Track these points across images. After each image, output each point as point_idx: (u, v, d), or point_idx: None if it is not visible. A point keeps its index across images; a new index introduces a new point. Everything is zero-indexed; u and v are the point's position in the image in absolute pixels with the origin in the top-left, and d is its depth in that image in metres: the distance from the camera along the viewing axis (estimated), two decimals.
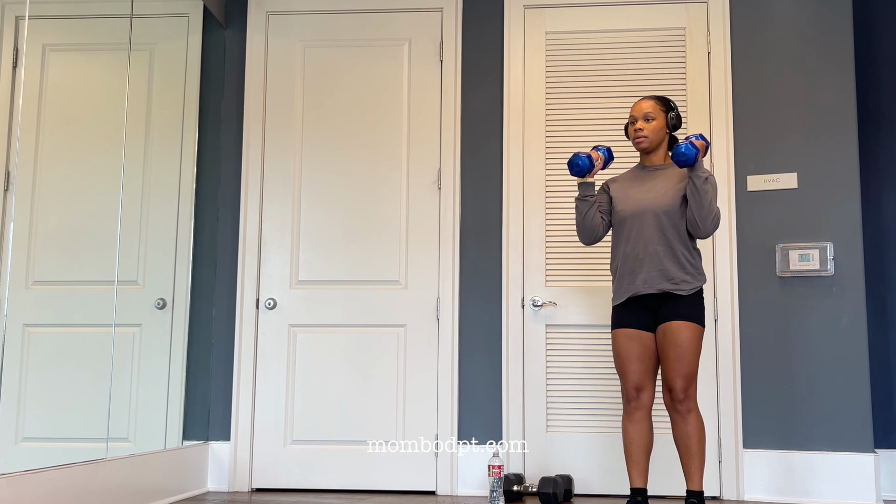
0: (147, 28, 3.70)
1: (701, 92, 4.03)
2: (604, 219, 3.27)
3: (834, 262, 3.82)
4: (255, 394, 4.09)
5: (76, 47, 3.24)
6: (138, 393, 3.58)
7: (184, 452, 3.82)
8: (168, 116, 3.88)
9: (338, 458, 4.03)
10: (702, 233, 3.09)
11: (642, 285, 3.12)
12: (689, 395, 3.05)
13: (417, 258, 4.12)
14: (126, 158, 3.51)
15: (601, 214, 3.26)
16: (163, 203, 3.81)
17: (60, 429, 3.09)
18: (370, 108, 4.23)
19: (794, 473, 3.75)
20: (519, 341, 4.00)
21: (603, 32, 4.14)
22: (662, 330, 3.09)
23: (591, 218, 3.22)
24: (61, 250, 3.10)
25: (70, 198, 3.15)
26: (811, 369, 3.80)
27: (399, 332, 4.09)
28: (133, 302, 3.57)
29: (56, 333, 3.10)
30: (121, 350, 3.45)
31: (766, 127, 3.97)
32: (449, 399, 4.01)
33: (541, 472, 3.93)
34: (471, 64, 4.21)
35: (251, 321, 4.13)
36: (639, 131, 3.19)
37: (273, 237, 4.18)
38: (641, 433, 3.10)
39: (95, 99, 3.33)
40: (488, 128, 4.16)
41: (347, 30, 4.29)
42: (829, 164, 3.89)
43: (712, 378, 3.88)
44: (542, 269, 4.03)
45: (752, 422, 3.83)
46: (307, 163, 4.22)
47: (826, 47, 3.95)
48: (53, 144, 3.05)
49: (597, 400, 3.94)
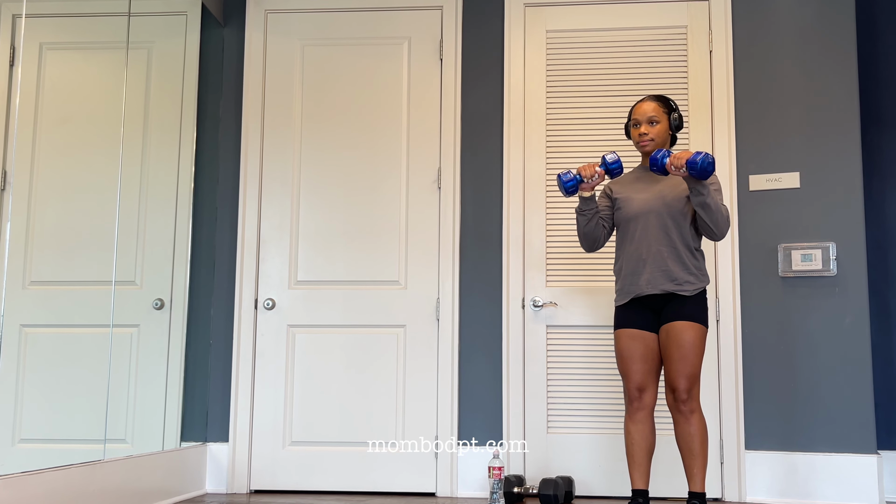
0: (145, 26, 3.70)
1: (703, 91, 4.03)
2: (605, 226, 3.27)
3: (837, 262, 3.82)
4: (254, 395, 4.09)
5: (73, 46, 3.24)
6: (136, 394, 3.58)
7: (182, 454, 3.82)
8: (166, 115, 3.88)
9: (337, 459, 4.03)
10: (718, 236, 3.08)
11: (646, 286, 3.12)
12: (692, 396, 3.05)
13: (417, 258, 4.12)
14: (124, 158, 3.51)
15: (603, 221, 3.26)
16: (161, 203, 3.81)
17: (57, 430, 3.09)
18: (369, 107, 4.23)
19: (796, 475, 3.75)
20: (519, 342, 4.00)
21: (604, 31, 4.14)
22: (666, 330, 3.09)
23: (591, 229, 3.22)
24: (58, 250, 3.10)
25: (67, 197, 3.15)
26: (814, 370, 3.80)
27: (399, 333, 4.09)
28: (131, 302, 3.56)
29: (53, 334, 3.10)
30: (118, 351, 3.45)
31: (769, 126, 3.97)
32: (449, 400, 4.01)
33: (541, 473, 3.93)
34: (471, 62, 4.21)
35: (250, 321, 4.13)
36: (644, 136, 3.19)
37: (272, 237, 4.18)
38: (643, 434, 3.10)
39: (93, 98, 3.33)
40: (488, 127, 4.16)
41: (346, 28, 4.29)
42: (831, 164, 3.89)
43: (714, 379, 3.88)
44: (542, 269, 4.03)
45: (755, 423, 3.83)
46: (306, 162, 4.22)
47: (829, 45, 3.95)
48: (50, 144, 3.05)
49: (598, 401, 3.94)
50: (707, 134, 4.00)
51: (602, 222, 3.25)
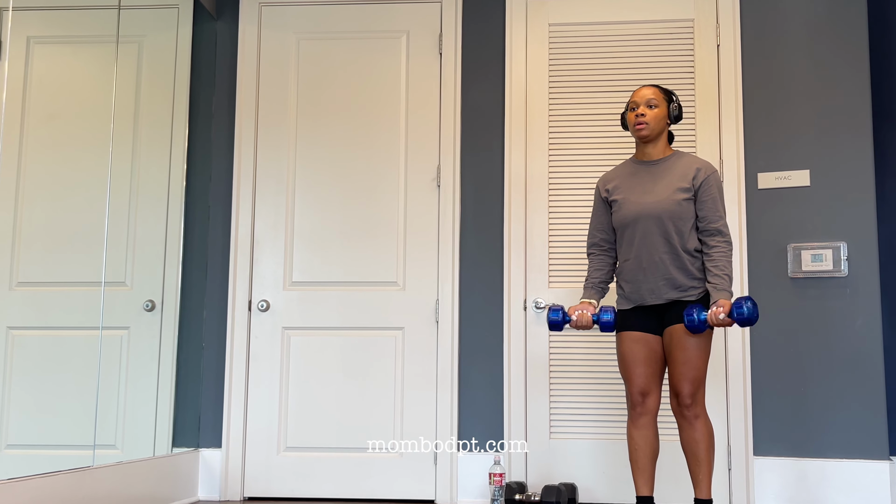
0: (135, 20, 3.70)
1: (710, 86, 4.03)
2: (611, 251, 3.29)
3: (848, 262, 3.82)
4: (248, 399, 4.09)
5: (62, 39, 3.24)
6: (126, 398, 3.58)
7: (173, 460, 3.82)
8: (157, 111, 3.88)
9: (333, 465, 4.03)
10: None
11: (649, 296, 3.11)
12: (696, 401, 3.05)
13: (416, 258, 4.12)
14: (113, 155, 3.51)
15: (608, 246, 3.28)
16: (152, 201, 3.81)
17: (45, 435, 3.09)
18: (367, 103, 4.23)
19: (806, 481, 3.75)
20: (521, 345, 4.00)
21: (608, 24, 4.14)
22: (669, 333, 3.08)
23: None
24: (46, 250, 3.10)
25: (55, 195, 3.15)
26: (824, 373, 3.80)
27: (397, 336, 4.09)
28: (121, 304, 3.57)
29: (41, 336, 3.10)
30: (108, 354, 3.45)
31: (778, 122, 3.97)
32: (448, 404, 4.01)
33: (544, 480, 3.93)
34: (471, 57, 4.21)
35: (243, 324, 4.13)
36: (640, 116, 3.15)
37: (266, 236, 4.18)
38: (647, 440, 3.10)
39: (82, 93, 3.33)
40: (489, 123, 4.16)
41: (343, 21, 4.29)
42: (842, 161, 3.88)
43: (721, 382, 3.88)
44: (545, 269, 4.03)
45: (763, 428, 3.83)
46: (301, 159, 4.22)
47: (840, 40, 3.95)
48: (38, 140, 3.05)
49: (602, 406, 3.94)
50: (714, 130, 4.00)
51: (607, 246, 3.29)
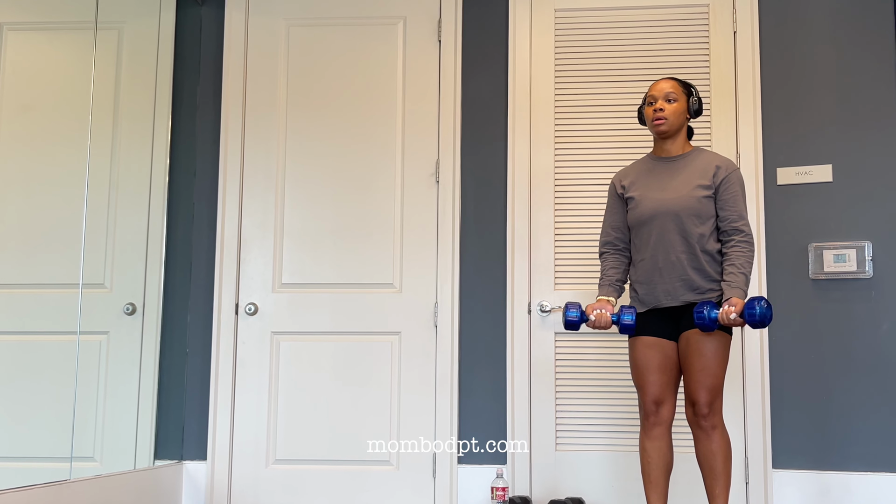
0: (115, 5, 3.69)
1: (726, 76, 4.03)
2: (626, 250, 3.29)
3: (872, 262, 3.83)
4: (234, 409, 4.09)
5: (37, 26, 3.24)
6: (105, 407, 3.58)
7: (155, 473, 3.82)
8: (138, 102, 3.88)
9: (325, 479, 4.03)
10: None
11: (664, 297, 3.12)
12: (713, 410, 3.05)
13: (413, 259, 4.12)
14: (92, 149, 3.51)
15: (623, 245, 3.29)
16: (132, 197, 3.81)
17: (19, 447, 3.08)
18: (361, 94, 4.23)
19: (828, 496, 3.76)
20: (525, 351, 4.00)
21: (618, 10, 4.14)
22: (686, 338, 3.09)
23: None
24: (20, 250, 3.09)
25: (30, 192, 3.15)
26: (847, 381, 3.81)
27: (393, 341, 4.10)
28: (100, 307, 3.56)
29: (14, 342, 3.10)
30: (86, 360, 3.45)
31: (798, 114, 3.97)
32: (448, 414, 4.01)
33: (549, 494, 3.93)
34: (472, 45, 4.21)
35: (230, 328, 4.13)
36: (659, 111, 3.18)
37: (254, 235, 4.19)
38: (661, 452, 3.10)
39: (58, 83, 3.33)
40: (491, 115, 4.16)
41: (336, 7, 4.29)
42: (867, 156, 3.89)
43: (739, 391, 3.88)
44: (550, 270, 4.04)
45: (783, 439, 3.84)
46: (292, 154, 4.22)
47: (864, 26, 3.96)
48: (11, 133, 3.05)
49: (612, 415, 3.94)
50: (731, 123, 4.01)
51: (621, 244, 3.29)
